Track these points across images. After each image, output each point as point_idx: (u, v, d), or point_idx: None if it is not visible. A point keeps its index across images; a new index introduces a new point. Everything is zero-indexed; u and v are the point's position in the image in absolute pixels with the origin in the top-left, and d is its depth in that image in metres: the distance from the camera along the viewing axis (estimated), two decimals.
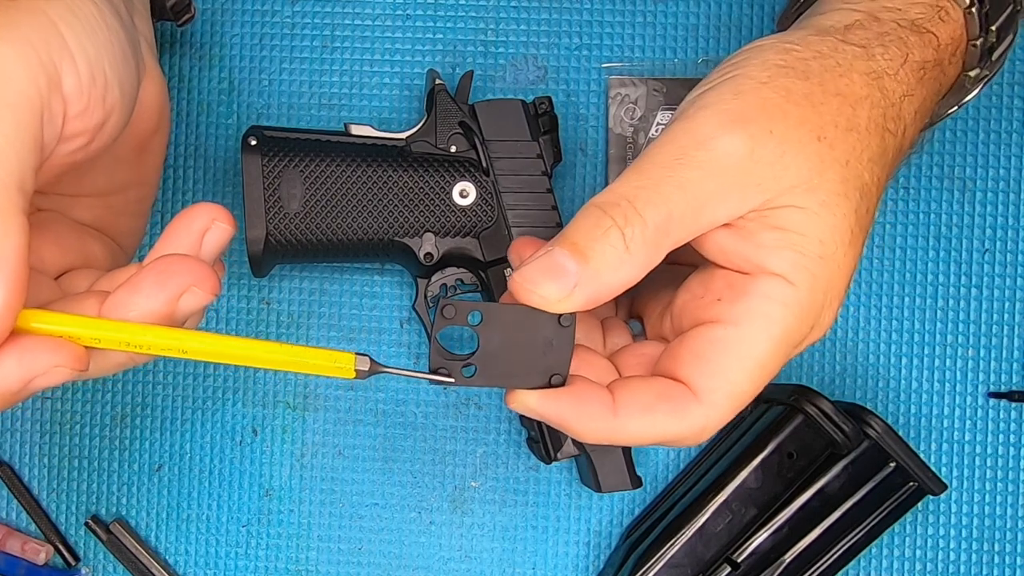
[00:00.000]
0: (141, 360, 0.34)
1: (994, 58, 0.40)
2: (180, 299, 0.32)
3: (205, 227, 0.33)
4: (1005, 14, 0.39)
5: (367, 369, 0.34)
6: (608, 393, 0.36)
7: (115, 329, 0.31)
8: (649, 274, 0.35)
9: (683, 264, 0.39)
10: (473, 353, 0.35)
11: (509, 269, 0.45)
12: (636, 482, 0.47)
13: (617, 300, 0.45)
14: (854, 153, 0.35)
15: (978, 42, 0.39)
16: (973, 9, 0.38)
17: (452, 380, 0.35)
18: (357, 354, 0.34)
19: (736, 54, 0.37)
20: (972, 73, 0.40)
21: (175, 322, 0.33)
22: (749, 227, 0.34)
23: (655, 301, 0.40)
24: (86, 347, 0.31)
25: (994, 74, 0.41)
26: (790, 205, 0.34)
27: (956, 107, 0.42)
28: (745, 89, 0.35)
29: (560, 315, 0.35)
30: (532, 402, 0.35)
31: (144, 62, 0.37)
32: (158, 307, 0.32)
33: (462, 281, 0.48)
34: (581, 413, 0.35)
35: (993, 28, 0.38)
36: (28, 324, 0.31)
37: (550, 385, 0.36)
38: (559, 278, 0.34)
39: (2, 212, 0.29)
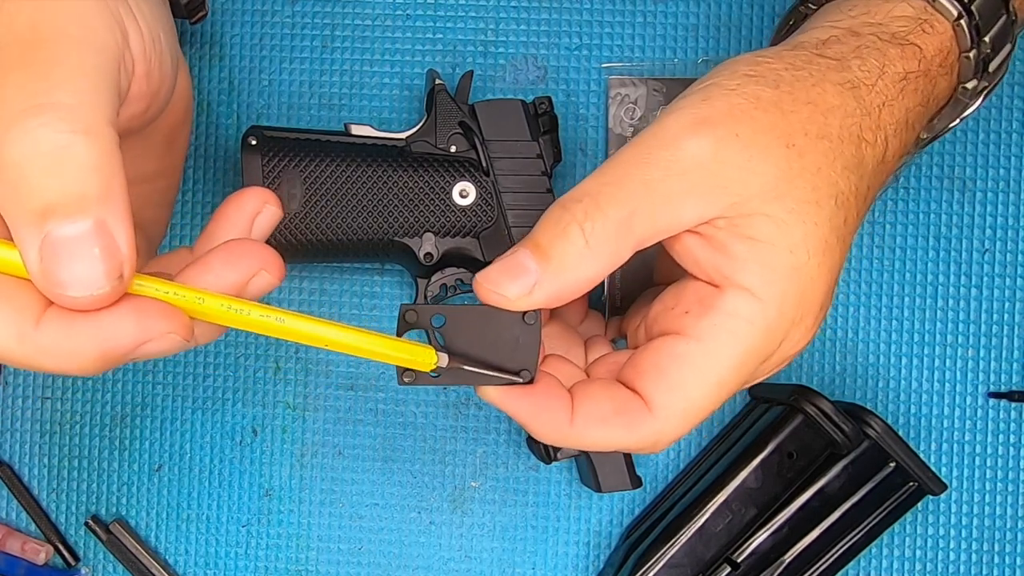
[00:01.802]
0: (204, 339, 0.33)
1: (991, 69, 0.39)
2: (250, 282, 0.32)
3: (256, 210, 0.34)
4: (998, 25, 0.38)
5: (446, 366, 0.35)
6: (569, 400, 0.36)
7: (219, 298, 0.31)
8: (639, 291, 0.35)
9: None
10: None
11: None
12: (636, 482, 0.47)
13: (615, 314, 0.45)
14: (826, 160, 0.34)
15: (971, 54, 0.38)
16: (962, 22, 0.37)
17: (522, 380, 0.36)
18: (438, 351, 0.35)
19: (712, 69, 0.37)
20: (969, 85, 0.39)
21: None
22: (719, 236, 0.34)
23: (638, 317, 0.40)
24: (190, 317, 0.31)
25: (995, 85, 0.41)
26: (759, 213, 0.34)
27: (957, 120, 0.42)
28: (713, 95, 0.35)
29: (524, 313, 0.35)
30: (495, 396, 0.36)
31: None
32: (228, 287, 0.31)
33: (462, 281, 0.48)
34: (540, 417, 0.36)
35: (987, 39, 0.38)
36: (134, 287, 0.30)
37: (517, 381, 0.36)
38: (519, 277, 0.34)
39: (106, 144, 0.28)
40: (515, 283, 0.34)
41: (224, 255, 0.32)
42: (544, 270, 0.34)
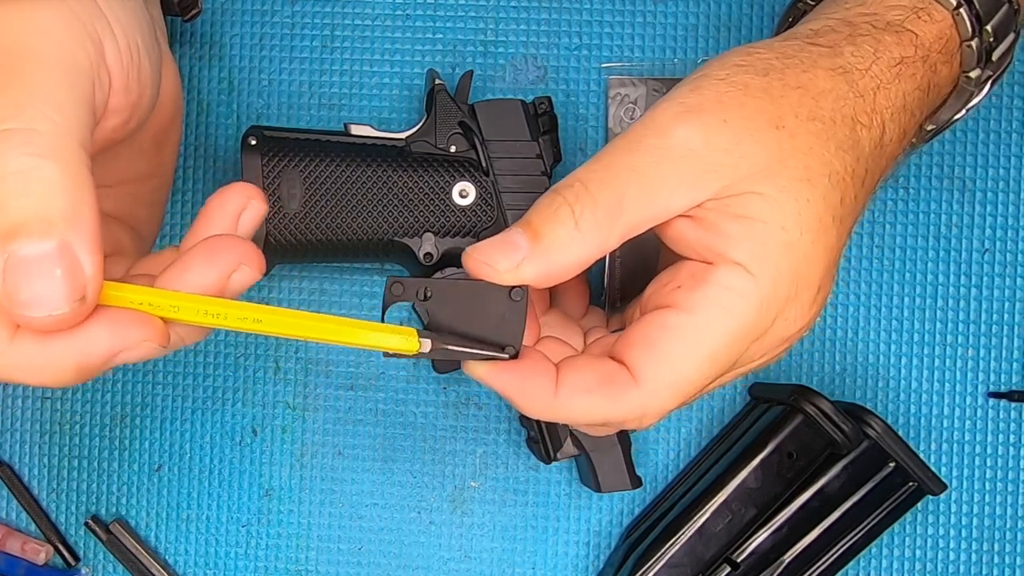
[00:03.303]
0: (190, 340, 0.33)
1: (995, 58, 0.39)
2: (231, 277, 0.32)
3: (241, 207, 0.33)
4: (999, 14, 0.38)
5: (428, 352, 0.35)
6: (554, 373, 0.36)
7: (193, 299, 0.31)
8: (638, 289, 0.35)
9: None
10: (424, 329, 0.36)
11: None
12: (636, 482, 0.47)
13: (615, 311, 0.45)
14: (818, 141, 0.35)
15: (973, 43, 0.38)
16: (961, 10, 0.38)
17: (506, 356, 0.36)
18: (420, 332, 0.35)
19: (706, 62, 0.37)
20: (972, 74, 0.39)
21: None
22: (710, 217, 0.34)
23: (637, 304, 0.41)
24: (164, 321, 0.31)
25: (1000, 73, 0.41)
26: (749, 192, 0.34)
27: (963, 111, 0.42)
28: (702, 86, 0.35)
29: (511, 290, 0.35)
30: (480, 371, 0.36)
31: (161, 47, 0.37)
32: (209, 283, 0.31)
33: None
34: (524, 389, 0.36)
35: (988, 28, 0.38)
36: (107, 295, 0.30)
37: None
38: (509, 252, 0.35)
39: (74, 167, 0.28)
40: (505, 257, 0.35)
41: (202, 253, 0.32)
42: (533, 248, 0.34)
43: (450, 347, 0.35)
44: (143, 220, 0.41)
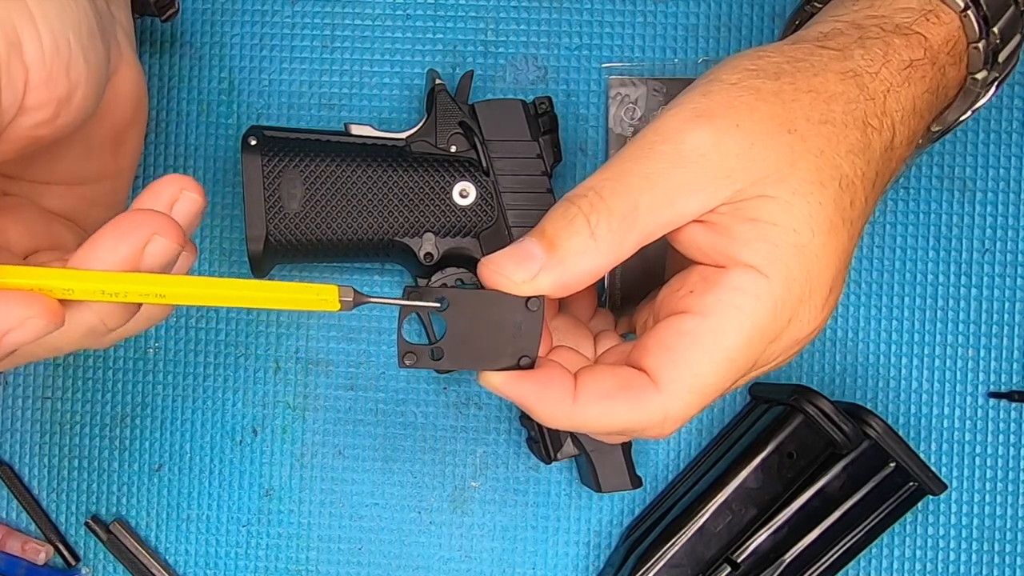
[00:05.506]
0: (112, 322, 0.32)
1: (1001, 60, 0.40)
2: (145, 249, 0.31)
3: (173, 197, 0.33)
4: (1006, 16, 0.38)
5: (351, 300, 0.34)
6: (572, 381, 0.36)
7: (87, 278, 0.30)
8: (640, 292, 0.35)
9: None
10: (440, 338, 0.36)
11: None
12: (636, 482, 0.47)
13: (617, 315, 0.45)
14: (830, 144, 0.35)
15: (980, 45, 0.38)
16: (969, 12, 0.38)
17: (437, 305, 0.36)
18: (340, 286, 0.34)
19: (715, 65, 0.37)
20: (979, 76, 0.40)
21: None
22: (722, 221, 0.34)
23: (647, 311, 0.41)
24: (60, 302, 0.30)
25: (1006, 75, 0.41)
26: (761, 195, 0.34)
27: (969, 112, 0.42)
28: (713, 90, 0.35)
29: (528, 299, 0.35)
30: (497, 382, 0.36)
31: (120, 48, 0.37)
32: (121, 259, 0.31)
33: (462, 281, 0.48)
34: (542, 396, 0.36)
35: (995, 30, 0.38)
36: None
37: (518, 367, 0.36)
38: (524, 262, 0.35)
39: None
40: (520, 268, 0.35)
41: (111, 228, 0.31)
42: (549, 258, 0.34)
43: (375, 299, 0.35)
44: (96, 222, 0.40)
